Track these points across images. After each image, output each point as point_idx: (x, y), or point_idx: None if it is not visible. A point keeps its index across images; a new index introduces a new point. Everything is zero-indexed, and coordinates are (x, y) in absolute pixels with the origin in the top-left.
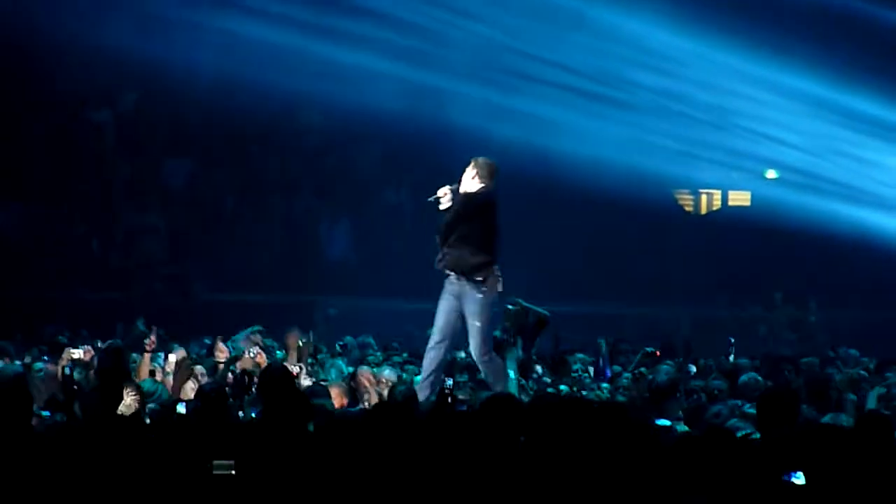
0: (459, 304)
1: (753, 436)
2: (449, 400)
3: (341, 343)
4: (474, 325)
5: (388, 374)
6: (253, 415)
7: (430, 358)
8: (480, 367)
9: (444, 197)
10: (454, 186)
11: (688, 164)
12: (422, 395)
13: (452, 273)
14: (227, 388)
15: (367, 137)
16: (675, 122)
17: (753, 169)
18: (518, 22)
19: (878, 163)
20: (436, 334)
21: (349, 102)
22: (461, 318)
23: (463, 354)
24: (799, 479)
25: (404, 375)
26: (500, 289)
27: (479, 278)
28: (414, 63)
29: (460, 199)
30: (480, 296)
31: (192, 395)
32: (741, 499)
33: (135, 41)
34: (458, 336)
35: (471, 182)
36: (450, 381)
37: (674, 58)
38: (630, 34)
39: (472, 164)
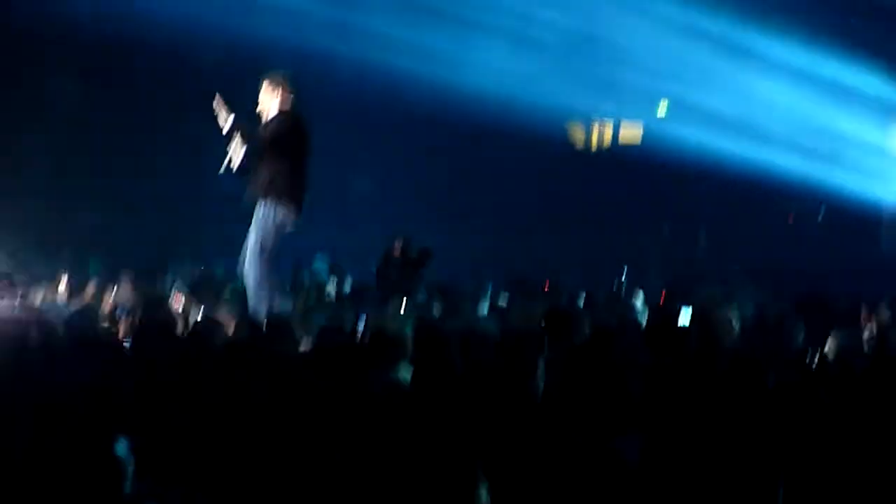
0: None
1: None
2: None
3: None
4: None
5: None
6: None
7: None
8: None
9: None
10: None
11: (580, 97)
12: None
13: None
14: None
15: (262, 68)
16: (569, 56)
17: (647, 103)
18: None
19: (773, 100)
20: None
21: (244, 32)
22: None
23: None
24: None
25: None
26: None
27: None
28: None
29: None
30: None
31: None
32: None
33: None
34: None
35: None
36: (362, 320)
37: None
38: None
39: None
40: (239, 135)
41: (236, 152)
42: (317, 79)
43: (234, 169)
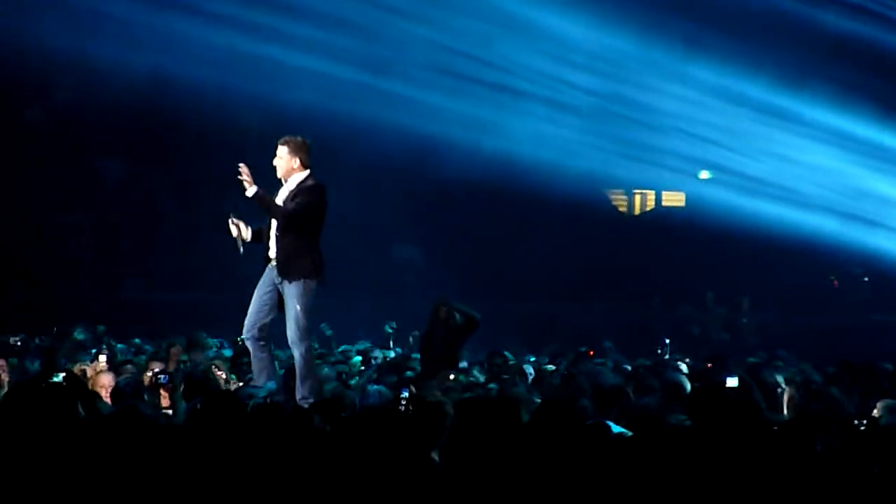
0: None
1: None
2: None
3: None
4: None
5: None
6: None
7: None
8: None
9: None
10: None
11: (622, 164)
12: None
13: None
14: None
15: (304, 135)
16: (610, 123)
17: (687, 170)
18: (453, 20)
19: (812, 164)
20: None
21: (286, 103)
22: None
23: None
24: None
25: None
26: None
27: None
28: (353, 64)
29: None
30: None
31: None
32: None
33: (69, 38)
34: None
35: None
36: (405, 392)
37: (608, 58)
38: (564, 35)
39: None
40: (260, 204)
41: (241, 231)
42: (357, 146)
43: (249, 241)
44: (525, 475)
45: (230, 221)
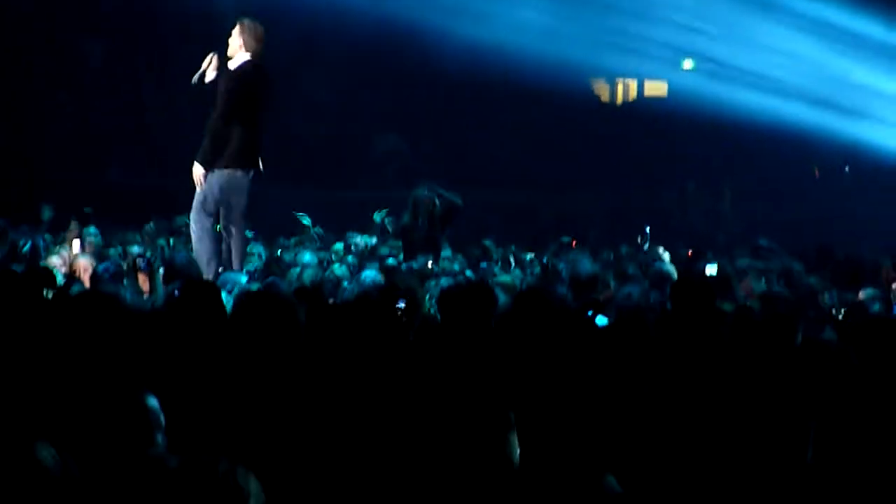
0: None
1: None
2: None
3: None
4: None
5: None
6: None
7: None
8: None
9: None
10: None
11: (604, 52)
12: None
13: None
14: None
15: (281, 22)
16: (593, 10)
17: (670, 58)
18: None
19: (793, 53)
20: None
21: None
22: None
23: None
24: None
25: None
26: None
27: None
28: None
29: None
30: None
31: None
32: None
33: None
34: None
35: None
36: (402, 304)
37: None
38: None
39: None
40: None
41: (211, 66)
42: (336, 34)
43: (205, 81)
44: (503, 362)
45: (211, 54)
